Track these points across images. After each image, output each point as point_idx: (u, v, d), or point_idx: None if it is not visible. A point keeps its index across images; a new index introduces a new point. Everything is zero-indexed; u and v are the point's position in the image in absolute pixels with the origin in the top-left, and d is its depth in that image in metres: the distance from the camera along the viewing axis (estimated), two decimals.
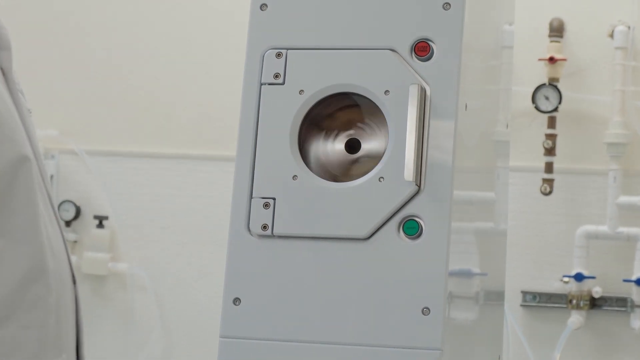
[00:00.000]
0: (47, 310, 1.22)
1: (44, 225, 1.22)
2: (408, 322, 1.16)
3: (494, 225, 1.59)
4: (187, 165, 3.41)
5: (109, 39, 3.47)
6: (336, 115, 1.25)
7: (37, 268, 1.21)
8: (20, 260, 1.19)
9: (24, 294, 1.19)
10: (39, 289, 1.21)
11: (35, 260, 1.20)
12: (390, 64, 1.21)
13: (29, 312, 1.20)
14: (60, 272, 1.25)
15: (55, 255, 1.24)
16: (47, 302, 1.22)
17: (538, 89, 3.13)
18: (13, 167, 1.19)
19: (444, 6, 1.21)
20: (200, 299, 3.37)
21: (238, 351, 1.20)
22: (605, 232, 3.08)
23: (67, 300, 1.27)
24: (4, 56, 1.27)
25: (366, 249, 1.18)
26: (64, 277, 1.27)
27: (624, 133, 3.08)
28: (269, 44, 1.24)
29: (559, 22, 3.15)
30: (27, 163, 1.21)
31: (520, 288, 3.17)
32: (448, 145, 1.19)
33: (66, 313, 1.26)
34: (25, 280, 1.19)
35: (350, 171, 1.23)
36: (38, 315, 1.21)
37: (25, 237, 1.20)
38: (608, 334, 3.13)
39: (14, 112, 1.23)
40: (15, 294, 1.19)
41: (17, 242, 1.18)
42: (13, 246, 1.18)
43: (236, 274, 1.21)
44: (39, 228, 1.21)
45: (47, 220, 1.25)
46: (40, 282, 1.21)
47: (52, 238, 1.25)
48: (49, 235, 1.24)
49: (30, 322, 1.20)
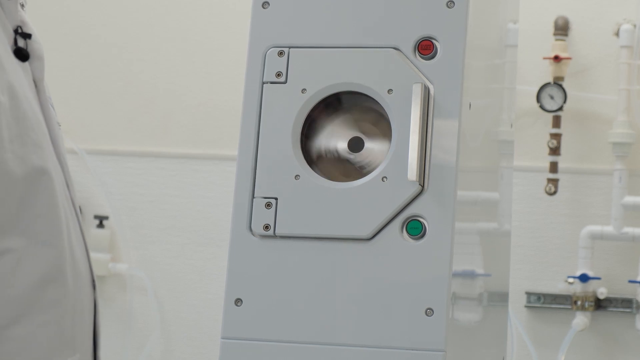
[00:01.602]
0: (63, 311, 1.26)
1: (66, 231, 1.27)
2: (411, 323, 1.15)
3: (498, 226, 1.58)
4: (187, 165, 3.41)
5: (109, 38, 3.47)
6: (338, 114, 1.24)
7: (55, 270, 1.25)
8: (40, 261, 1.23)
9: (41, 294, 1.23)
10: (57, 290, 1.25)
11: (54, 263, 1.25)
12: (393, 63, 1.20)
13: (45, 312, 1.24)
14: (79, 277, 1.30)
15: (75, 260, 1.29)
16: (63, 303, 1.26)
17: (543, 88, 3.12)
18: (37, 172, 1.23)
19: (447, 4, 1.20)
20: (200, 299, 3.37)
21: (240, 352, 1.19)
22: (611, 232, 3.07)
23: (85, 303, 1.32)
24: (36, 67, 1.32)
25: (369, 249, 1.18)
26: (83, 282, 1.31)
27: (629, 132, 3.07)
28: (271, 42, 1.24)
29: (564, 20, 3.14)
30: (49, 170, 1.25)
31: (525, 289, 3.16)
32: (452, 144, 1.18)
33: (82, 315, 1.31)
34: (44, 281, 1.24)
35: (353, 171, 1.22)
36: (54, 315, 1.25)
37: (47, 239, 1.24)
38: (613, 336, 3.12)
39: (41, 121, 1.28)
40: (33, 294, 1.23)
41: (38, 244, 1.23)
42: (34, 247, 1.23)
43: (238, 275, 1.20)
44: (61, 233, 1.26)
45: (71, 227, 1.30)
46: (58, 284, 1.25)
47: (74, 244, 1.30)
48: (70, 240, 1.28)
49: (46, 321, 1.24)
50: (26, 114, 1.24)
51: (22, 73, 1.29)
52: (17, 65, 1.28)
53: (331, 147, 1.23)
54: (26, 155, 1.22)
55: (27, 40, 1.31)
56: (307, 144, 1.23)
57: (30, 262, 1.23)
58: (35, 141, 1.25)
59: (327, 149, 1.23)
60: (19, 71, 1.28)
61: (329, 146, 1.23)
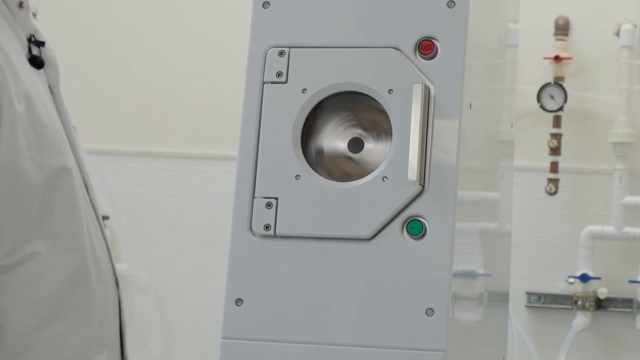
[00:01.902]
0: (91, 310, 1.31)
1: (87, 232, 1.31)
2: (412, 323, 1.15)
3: (499, 226, 1.58)
4: (188, 165, 3.41)
5: (109, 38, 3.47)
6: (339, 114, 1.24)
7: (81, 271, 1.30)
8: (65, 263, 1.28)
9: (70, 295, 1.29)
10: (83, 290, 1.30)
11: (79, 264, 1.29)
12: (394, 63, 1.20)
13: (75, 312, 1.29)
14: (102, 275, 1.34)
15: (97, 259, 1.33)
16: (90, 302, 1.30)
17: (543, 88, 3.12)
18: (57, 175, 1.27)
19: (448, 4, 1.20)
20: (201, 299, 3.36)
21: (240, 352, 1.19)
22: (611, 232, 3.07)
23: (110, 301, 1.36)
24: (51, 73, 1.36)
25: (369, 249, 1.18)
26: (106, 280, 1.36)
27: (629, 132, 3.07)
28: (271, 42, 1.24)
29: (565, 20, 3.14)
30: (69, 173, 1.29)
31: (525, 289, 3.16)
32: (452, 144, 1.18)
33: (108, 313, 1.35)
34: (71, 282, 1.28)
35: (353, 171, 1.22)
36: (83, 314, 1.30)
37: (70, 242, 1.28)
38: (613, 336, 3.12)
39: (59, 126, 1.32)
40: (62, 295, 1.28)
41: (62, 247, 1.27)
42: (59, 250, 1.27)
43: (238, 275, 1.20)
44: (82, 234, 1.30)
45: (91, 227, 1.33)
46: (84, 284, 1.30)
47: (95, 244, 1.34)
48: (92, 240, 1.32)
49: (76, 321, 1.29)
50: (43, 120, 1.28)
51: (38, 80, 1.32)
52: (33, 72, 1.31)
53: (331, 147, 1.23)
54: (45, 160, 1.26)
55: (40, 48, 1.34)
56: (307, 144, 1.23)
57: (57, 264, 1.27)
58: (53, 146, 1.28)
59: (328, 149, 1.23)
60: (35, 78, 1.31)
61: (329, 146, 1.23)
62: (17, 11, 1.31)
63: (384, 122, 1.21)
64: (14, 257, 1.23)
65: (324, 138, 1.23)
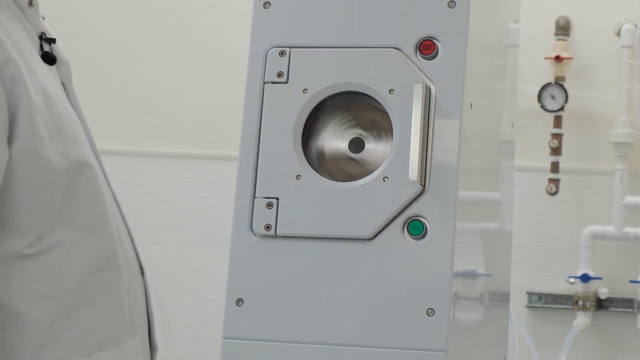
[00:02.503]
0: (120, 295, 1.31)
1: (113, 220, 1.33)
2: (412, 323, 1.15)
3: (499, 226, 1.58)
4: (188, 165, 3.41)
5: (109, 38, 3.47)
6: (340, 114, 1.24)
7: (108, 256, 1.30)
8: (91, 249, 1.28)
9: (97, 280, 1.29)
10: (111, 275, 1.31)
11: (106, 250, 1.30)
12: (394, 63, 1.20)
13: (103, 297, 1.29)
14: (130, 262, 1.36)
15: (124, 247, 1.35)
16: (119, 287, 1.31)
17: (544, 88, 3.12)
18: (78, 165, 1.28)
19: (449, 4, 1.20)
20: (201, 299, 3.36)
21: (241, 352, 1.19)
22: (612, 232, 3.07)
23: (137, 288, 1.37)
24: (63, 70, 1.39)
25: (370, 249, 1.18)
26: (133, 267, 1.37)
27: (630, 132, 3.07)
28: (272, 42, 1.24)
29: (565, 20, 3.14)
30: (89, 164, 1.31)
31: (526, 289, 3.15)
32: (453, 144, 1.18)
33: (137, 299, 1.36)
34: (98, 268, 1.29)
35: (354, 171, 1.22)
36: (111, 299, 1.30)
37: (96, 228, 1.29)
38: (614, 336, 3.12)
39: (76, 120, 1.34)
40: (89, 281, 1.28)
41: (87, 233, 1.28)
42: (84, 237, 1.28)
43: (239, 275, 1.20)
44: (108, 221, 1.31)
45: (117, 217, 1.35)
46: (112, 269, 1.31)
47: (121, 232, 1.35)
48: (118, 228, 1.34)
49: (105, 306, 1.29)
50: (61, 113, 1.29)
51: (51, 76, 1.35)
52: (46, 69, 1.34)
53: (332, 147, 1.23)
54: (66, 150, 1.27)
55: (51, 45, 1.37)
56: (308, 144, 1.23)
57: (82, 251, 1.27)
58: (73, 138, 1.30)
59: (328, 149, 1.23)
60: (49, 74, 1.34)
61: (330, 146, 1.23)
62: (28, 10, 1.35)
63: (384, 122, 1.21)
64: (40, 245, 1.24)
65: (324, 138, 1.23)
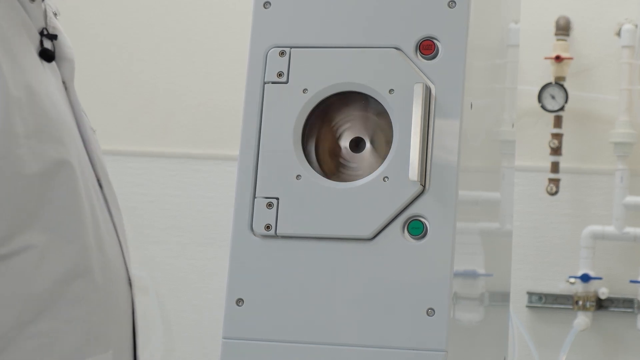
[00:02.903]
0: (92, 307, 1.26)
1: (92, 226, 1.27)
2: (412, 323, 1.15)
3: (500, 226, 1.58)
4: (188, 165, 3.41)
5: (109, 38, 3.47)
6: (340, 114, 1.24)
7: (81, 265, 1.25)
8: (63, 256, 1.23)
9: (66, 290, 1.23)
10: (83, 285, 1.25)
11: (79, 258, 1.25)
12: (394, 63, 1.20)
13: (71, 308, 1.24)
14: (111, 272, 1.30)
15: (105, 256, 1.29)
16: (91, 298, 1.26)
17: (544, 88, 3.12)
18: (55, 167, 1.23)
19: (449, 4, 1.20)
20: (202, 299, 3.36)
21: (241, 352, 1.19)
22: (612, 232, 3.07)
23: (120, 299, 1.33)
24: (65, 67, 1.36)
25: (370, 249, 1.18)
26: (117, 278, 1.32)
27: (630, 132, 3.07)
28: (272, 42, 1.24)
29: (566, 20, 3.14)
30: (69, 167, 1.25)
31: (526, 289, 3.16)
32: (453, 144, 1.17)
33: (117, 311, 1.31)
34: (68, 276, 1.23)
35: (354, 171, 1.22)
36: (80, 311, 1.24)
37: (70, 234, 1.24)
38: (614, 336, 3.12)
39: (67, 120, 1.28)
40: (57, 289, 1.22)
41: (60, 239, 1.22)
42: (57, 242, 1.22)
43: (239, 275, 1.20)
44: (84, 228, 1.25)
45: (101, 223, 1.29)
46: (85, 279, 1.25)
47: (105, 240, 1.29)
48: (100, 236, 1.28)
49: (72, 317, 1.23)
50: (46, 110, 1.25)
51: (49, 73, 1.31)
52: (42, 65, 1.30)
53: (332, 147, 1.23)
54: (44, 150, 1.22)
55: (53, 41, 1.33)
56: (308, 143, 1.23)
57: (54, 257, 1.22)
58: (56, 137, 1.24)
59: (329, 149, 1.23)
60: (45, 71, 1.30)
61: (330, 146, 1.23)
62: (29, 5, 1.30)
63: (384, 122, 1.21)
64: (8, 247, 1.18)
65: (324, 138, 1.23)
